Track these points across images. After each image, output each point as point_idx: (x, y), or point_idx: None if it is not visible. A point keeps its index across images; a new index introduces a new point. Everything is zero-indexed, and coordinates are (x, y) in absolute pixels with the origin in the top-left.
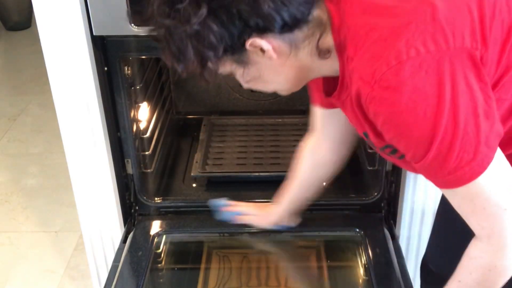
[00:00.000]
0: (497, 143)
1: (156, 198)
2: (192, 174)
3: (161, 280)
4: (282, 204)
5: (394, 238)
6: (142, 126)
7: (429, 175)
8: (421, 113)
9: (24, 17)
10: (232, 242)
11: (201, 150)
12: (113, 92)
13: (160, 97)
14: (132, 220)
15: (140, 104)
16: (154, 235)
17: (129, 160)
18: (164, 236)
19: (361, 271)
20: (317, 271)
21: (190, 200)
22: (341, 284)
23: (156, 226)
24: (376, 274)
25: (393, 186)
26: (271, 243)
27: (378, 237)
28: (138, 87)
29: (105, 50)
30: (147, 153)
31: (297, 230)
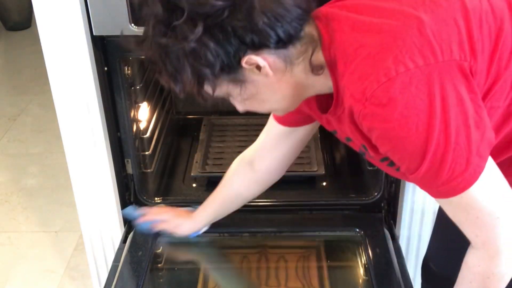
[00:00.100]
0: (488, 152)
1: (156, 198)
2: (192, 174)
3: (161, 280)
4: (207, 214)
5: (394, 238)
6: (142, 126)
7: (423, 186)
8: (413, 128)
9: (24, 17)
10: (232, 242)
11: (201, 150)
12: (113, 92)
13: (160, 97)
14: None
15: (140, 104)
16: (154, 235)
17: (129, 160)
18: (164, 236)
19: (361, 271)
20: (317, 271)
21: (190, 200)
22: (341, 284)
23: None
24: (376, 274)
25: (393, 186)
26: (271, 243)
27: (378, 237)
28: (138, 87)
29: (105, 50)
30: (147, 153)
31: (297, 230)
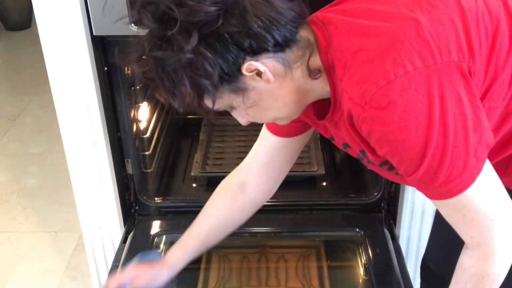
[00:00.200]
0: (486, 154)
1: (156, 198)
2: (192, 174)
3: None
4: (186, 252)
5: (394, 238)
6: (142, 126)
7: (420, 188)
8: (413, 130)
9: (24, 17)
10: (232, 242)
11: (201, 150)
12: (113, 92)
13: None
14: (132, 220)
15: (140, 104)
16: (154, 235)
17: (129, 160)
18: (164, 236)
19: (361, 271)
20: (317, 271)
21: (190, 200)
22: (341, 284)
23: (156, 226)
24: (376, 274)
25: (393, 186)
26: (271, 243)
27: (378, 237)
28: (138, 87)
29: (105, 50)
30: (147, 153)
31: (297, 230)
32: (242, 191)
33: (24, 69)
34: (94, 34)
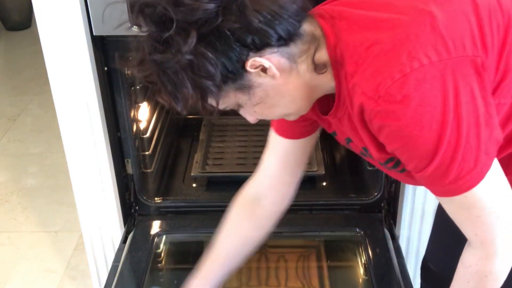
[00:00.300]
0: (496, 150)
1: (156, 198)
2: (192, 174)
3: (161, 280)
4: (208, 284)
5: (394, 238)
6: (142, 126)
7: (428, 184)
8: (427, 125)
9: (24, 17)
10: None
11: (201, 150)
12: (113, 92)
13: None
14: (132, 220)
15: (140, 104)
16: (154, 235)
17: (129, 160)
18: (164, 236)
19: (361, 271)
20: (317, 271)
21: (190, 200)
22: (341, 284)
23: (156, 226)
24: (376, 274)
25: (393, 186)
26: (271, 243)
27: (378, 237)
28: (138, 87)
29: (105, 50)
30: (147, 153)
31: (297, 230)
32: (259, 205)
33: (24, 69)
34: (94, 34)
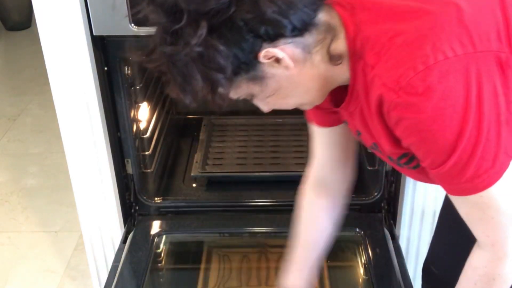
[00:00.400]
0: None
1: (156, 198)
2: (192, 174)
3: (161, 280)
4: (303, 278)
5: (394, 238)
6: (142, 126)
7: (443, 182)
8: (447, 120)
9: (24, 17)
10: (232, 242)
11: (201, 150)
12: (113, 92)
13: (160, 97)
14: (132, 220)
15: (140, 104)
16: (154, 235)
17: (129, 160)
18: (164, 236)
19: (361, 271)
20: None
21: (190, 200)
22: (341, 284)
23: (156, 226)
24: (376, 274)
25: (393, 186)
26: (271, 243)
27: (378, 237)
28: (138, 87)
29: (105, 50)
30: (147, 153)
31: None
32: (326, 188)
33: (24, 69)
34: (94, 34)
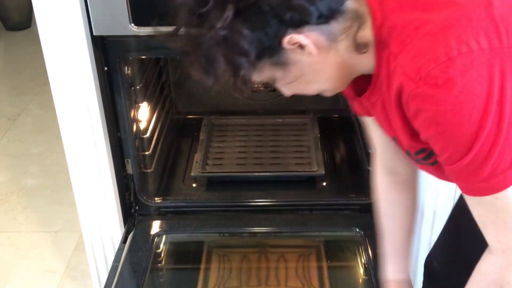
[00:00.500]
0: None
1: (156, 198)
2: (192, 174)
3: (161, 280)
4: (406, 265)
5: None
6: (142, 126)
7: (459, 179)
8: (467, 115)
9: (24, 17)
10: (232, 242)
11: (201, 150)
12: (113, 92)
13: (160, 97)
14: (132, 220)
15: (140, 104)
16: (154, 235)
17: (129, 160)
18: (164, 236)
19: (361, 271)
20: (317, 271)
21: (190, 200)
22: (341, 284)
23: (156, 226)
24: (376, 274)
25: None
26: (271, 243)
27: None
28: (138, 87)
29: (105, 50)
30: (147, 153)
31: (297, 230)
32: (397, 175)
33: (24, 69)
34: (94, 34)
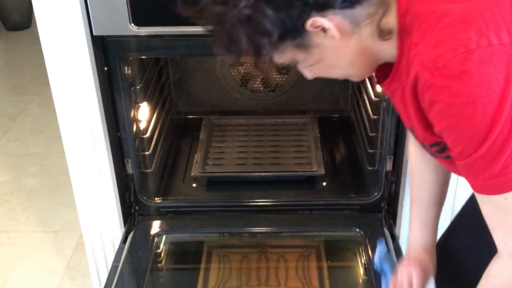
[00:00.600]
0: None
1: (156, 198)
2: (192, 174)
3: (161, 280)
4: (432, 233)
5: (394, 238)
6: (142, 126)
7: (470, 175)
8: (481, 109)
9: (24, 17)
10: (232, 242)
11: (201, 150)
12: (113, 92)
13: (160, 97)
14: (132, 220)
15: (140, 104)
16: (154, 235)
17: (129, 160)
18: (164, 236)
19: (361, 271)
20: (317, 271)
21: (190, 200)
22: (341, 284)
23: (156, 226)
24: (376, 274)
25: (393, 186)
26: (271, 243)
27: (378, 237)
28: (138, 87)
29: (105, 50)
30: (147, 153)
31: (297, 230)
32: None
33: (24, 69)
34: (94, 34)
